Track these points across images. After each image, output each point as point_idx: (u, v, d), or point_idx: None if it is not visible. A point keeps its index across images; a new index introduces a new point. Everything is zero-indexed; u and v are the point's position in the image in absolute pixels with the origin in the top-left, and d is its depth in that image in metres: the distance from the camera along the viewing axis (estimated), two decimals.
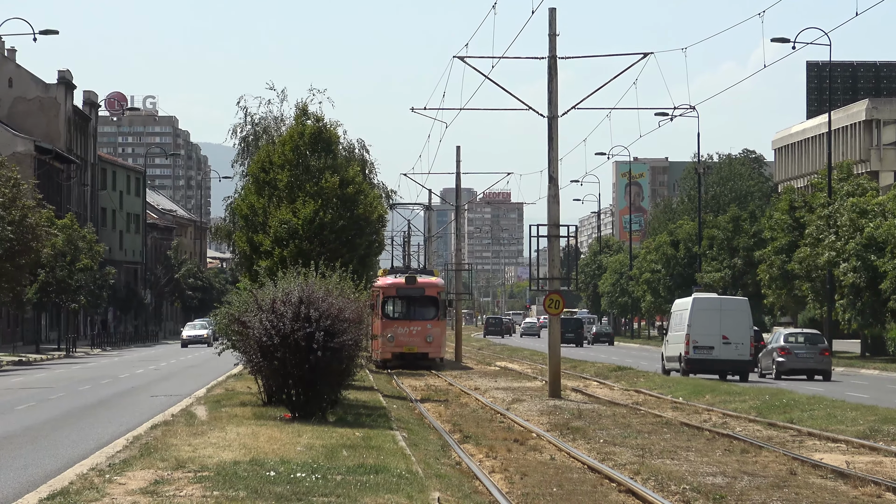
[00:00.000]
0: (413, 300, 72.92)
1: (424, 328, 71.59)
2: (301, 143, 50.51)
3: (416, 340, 71.19)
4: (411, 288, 72.38)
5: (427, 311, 72.71)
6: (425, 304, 72.87)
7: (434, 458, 28.31)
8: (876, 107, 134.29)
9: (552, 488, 24.33)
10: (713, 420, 39.44)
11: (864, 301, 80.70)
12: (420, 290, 72.71)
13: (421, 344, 71.23)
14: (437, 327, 72.52)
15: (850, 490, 24.35)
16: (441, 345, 73.12)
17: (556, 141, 51.11)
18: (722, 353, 62.74)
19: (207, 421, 32.48)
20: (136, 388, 53.09)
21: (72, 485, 21.09)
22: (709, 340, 63.00)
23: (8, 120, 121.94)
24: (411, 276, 73.41)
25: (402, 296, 72.86)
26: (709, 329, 63.00)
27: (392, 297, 72.74)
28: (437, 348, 72.13)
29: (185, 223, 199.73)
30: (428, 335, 71.36)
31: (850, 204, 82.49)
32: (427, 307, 72.80)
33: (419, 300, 72.88)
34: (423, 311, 72.66)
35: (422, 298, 72.94)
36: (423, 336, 71.31)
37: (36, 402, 45.16)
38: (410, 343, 71.18)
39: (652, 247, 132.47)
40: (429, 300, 73.08)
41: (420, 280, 73.40)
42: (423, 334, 71.33)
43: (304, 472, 22.63)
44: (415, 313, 72.43)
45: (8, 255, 78.83)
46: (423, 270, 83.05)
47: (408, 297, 72.86)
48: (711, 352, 63.14)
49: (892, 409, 39.73)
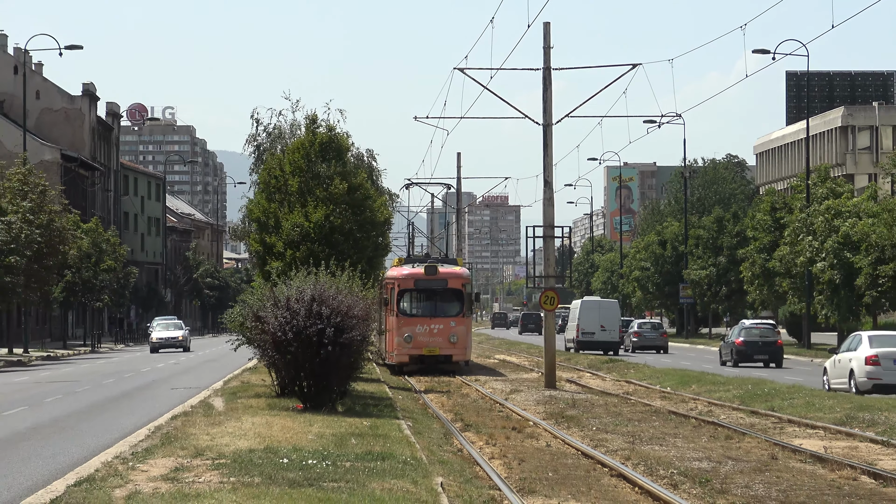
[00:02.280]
0: (434, 293, 59.20)
1: (447, 326, 57.96)
2: (311, 150, 50.56)
3: (438, 341, 57.68)
4: (432, 279, 58.71)
5: (450, 306, 58.98)
6: (448, 297, 59.21)
7: (437, 446, 28.34)
8: (851, 114, 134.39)
9: (548, 473, 24.35)
10: (699, 408, 39.45)
11: (841, 296, 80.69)
12: (442, 282, 58.99)
13: (444, 345, 57.72)
14: (462, 325, 58.60)
15: (827, 473, 24.37)
16: (466, 346, 59.29)
17: (550, 147, 51.13)
18: (600, 336, 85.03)
19: (224, 411, 32.50)
20: (156, 382, 53.10)
21: (97, 472, 21.12)
22: (591, 328, 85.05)
23: (36, 130, 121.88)
24: (432, 266, 59.42)
25: (422, 288, 59.22)
26: (591, 321, 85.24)
27: (409, 290, 59.17)
28: (462, 350, 58.48)
29: (202, 226, 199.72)
30: (452, 334, 57.76)
31: (824, 207, 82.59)
32: (450, 302, 59.11)
33: (441, 293, 59.15)
34: (446, 306, 59.00)
35: (444, 291, 59.12)
36: (446, 335, 57.70)
37: (63, 395, 45.18)
38: (431, 344, 57.65)
39: (641, 246, 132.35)
40: (452, 293, 59.22)
41: (442, 270, 59.51)
42: (445, 333, 57.73)
43: (316, 459, 22.65)
44: (436, 309, 58.84)
45: (36, 257, 78.86)
46: (444, 259, 66.88)
47: (428, 289, 59.14)
48: (593, 336, 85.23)
49: (866, 398, 39.75)
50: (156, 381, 53.12)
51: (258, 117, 79.26)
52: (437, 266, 59.50)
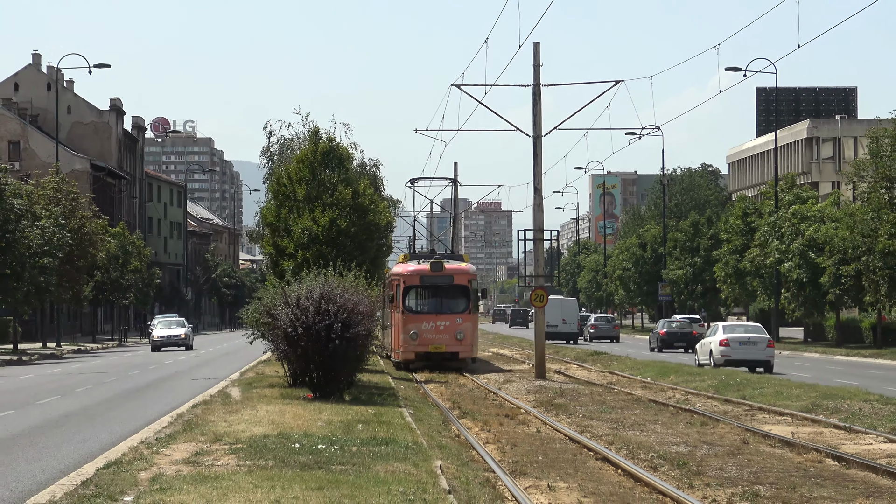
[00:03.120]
0: (440, 290, 55.05)
1: (454, 323, 53.91)
2: (314, 160, 50.60)
3: (445, 338, 53.69)
4: (438, 275, 54.71)
5: (457, 302, 54.76)
6: (454, 294, 55.00)
7: (436, 431, 28.32)
8: (816, 126, 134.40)
9: (538, 457, 24.34)
10: (677, 397, 39.44)
11: (806, 294, 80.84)
12: (448, 279, 54.80)
13: (450, 342, 53.76)
14: (469, 322, 54.49)
15: (794, 457, 24.36)
16: (473, 343, 54.98)
17: (540, 157, 51.11)
18: (562, 328, 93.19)
19: (241, 400, 32.49)
20: (178, 373, 53.08)
21: (124, 456, 21.11)
22: (555, 321, 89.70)
23: (67, 142, 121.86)
24: (437, 262, 55.30)
25: (428, 285, 55.09)
26: (555, 315, 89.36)
27: (415, 286, 55.06)
28: (469, 347, 54.32)
29: (220, 230, 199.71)
30: (458, 331, 53.69)
31: (791, 212, 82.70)
32: (457, 298, 54.87)
33: (447, 290, 55.00)
34: (452, 302, 54.84)
35: (450, 288, 54.96)
36: (453, 332, 53.68)
37: (92, 385, 45.17)
38: (437, 341, 53.66)
39: (623, 248, 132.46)
40: (458, 290, 54.92)
41: (448, 266, 55.38)
42: (452, 330, 53.74)
43: (325, 443, 22.63)
44: (442, 306, 54.72)
45: (68, 259, 79.01)
46: (450, 255, 62.06)
47: (434, 286, 55.04)
48: (556, 328, 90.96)
49: (830, 387, 39.75)
50: (178, 373, 53.11)
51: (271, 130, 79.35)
52: (442, 262, 55.45)
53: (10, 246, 68.42)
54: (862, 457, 23.67)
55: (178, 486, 17.37)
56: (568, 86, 56.79)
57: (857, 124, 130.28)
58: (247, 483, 17.53)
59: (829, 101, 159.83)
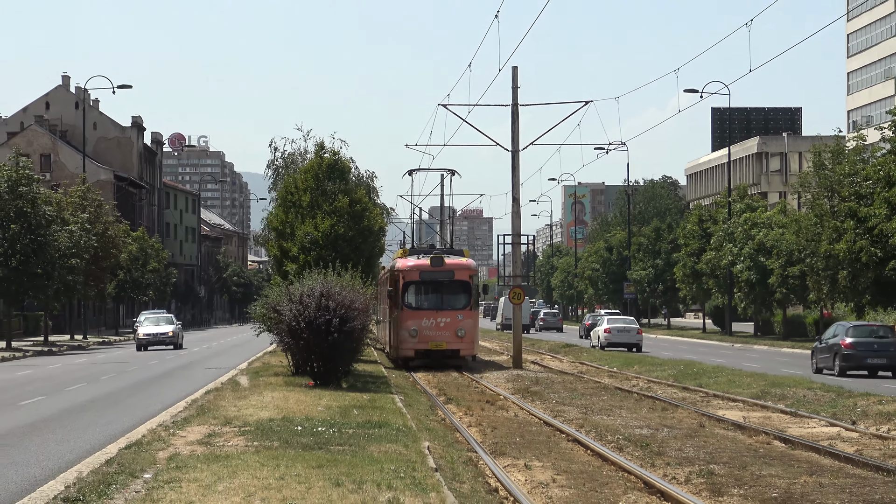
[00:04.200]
0: (440, 286, 49.10)
1: (455, 320, 48.17)
2: (319, 172, 50.63)
3: (445, 335, 47.97)
4: (438, 271, 48.85)
5: (457, 298, 48.92)
6: (455, 290, 49.06)
7: (424, 416, 28.33)
8: (765, 142, 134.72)
9: (516, 438, 24.35)
10: (640, 385, 39.48)
11: (756, 293, 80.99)
12: (449, 274, 48.88)
13: (451, 339, 48.05)
14: (470, 318, 48.77)
15: (746, 438, 24.40)
16: (474, 340, 49.34)
17: (517, 169, 51.13)
18: None
19: (249, 388, 32.47)
20: (193, 363, 53.02)
21: (144, 437, 21.08)
22: (510, 315, 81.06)
23: (93, 155, 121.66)
24: (438, 257, 49.61)
25: (427, 280, 49.05)
26: (510, 310, 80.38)
27: (415, 282, 49.00)
28: (470, 344, 48.76)
29: (230, 234, 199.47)
30: (459, 328, 47.98)
31: (743, 219, 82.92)
32: (457, 294, 48.99)
33: (448, 286, 49.03)
34: (453, 298, 48.99)
35: (451, 284, 48.96)
36: (454, 329, 47.96)
37: (115, 374, 45.11)
38: (438, 338, 47.93)
39: (592, 251, 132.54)
40: (459, 286, 48.99)
41: (448, 261, 49.62)
42: (453, 327, 48.02)
43: (324, 426, 22.62)
44: (443, 302, 48.91)
45: (93, 260, 78.93)
46: (450, 250, 56.46)
47: (434, 281, 49.02)
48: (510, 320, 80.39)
49: (778, 376, 39.82)
50: (192, 363, 53.04)
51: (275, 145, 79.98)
52: (443, 257, 49.64)
53: (41, 248, 68.44)
54: (806, 439, 23.73)
55: (193, 464, 17.36)
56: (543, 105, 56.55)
57: (802, 141, 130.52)
58: (254, 462, 17.53)
59: (777, 119, 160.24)
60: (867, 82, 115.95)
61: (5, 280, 68.06)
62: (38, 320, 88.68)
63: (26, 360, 58.90)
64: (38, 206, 69.13)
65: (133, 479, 16.15)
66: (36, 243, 68.24)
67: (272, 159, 79.76)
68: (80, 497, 14.73)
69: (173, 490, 15.11)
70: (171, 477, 16.15)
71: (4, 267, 67.54)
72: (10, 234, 67.44)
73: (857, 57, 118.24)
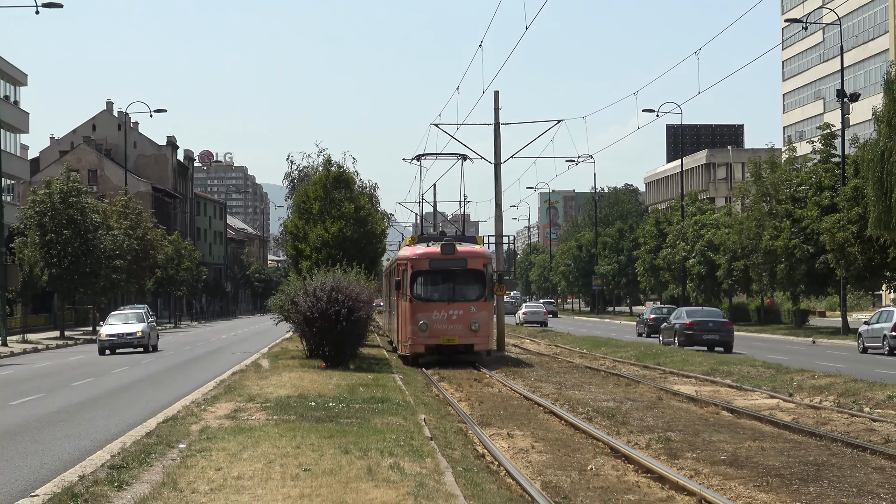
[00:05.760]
0: (452, 275, 38.90)
1: (468, 312, 38.27)
2: (327, 182, 50.81)
3: (458, 329, 38.24)
4: (449, 259, 38.82)
5: (470, 289, 38.85)
6: (468, 280, 38.91)
7: (421, 392, 28.33)
8: (713, 155, 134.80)
9: (500, 410, 24.34)
10: (607, 364, 39.47)
11: (706, 284, 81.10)
12: (461, 262, 38.83)
13: (464, 333, 38.22)
14: (484, 310, 38.70)
15: (698, 409, 24.41)
16: (489, 334, 39.21)
17: (500, 179, 51.19)
18: None
19: (269, 369, 32.45)
20: (221, 348, 52.97)
21: (178, 413, 21.06)
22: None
23: (133, 170, 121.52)
24: (449, 244, 39.54)
25: (438, 270, 38.92)
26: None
27: (424, 271, 38.87)
28: (485, 338, 38.79)
29: (252, 237, 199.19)
30: (473, 321, 38.15)
31: (694, 221, 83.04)
32: (471, 284, 38.86)
33: (460, 275, 38.87)
34: (466, 289, 38.89)
35: (464, 273, 38.84)
36: (467, 323, 38.17)
37: (154, 358, 45.06)
38: (450, 332, 38.20)
39: (565, 249, 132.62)
40: (472, 275, 38.82)
41: (461, 249, 39.49)
42: (466, 320, 38.19)
43: (335, 402, 22.62)
44: (455, 293, 38.79)
45: (134, 260, 79.00)
46: (461, 237, 45.44)
47: (445, 271, 38.88)
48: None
49: (725, 356, 39.89)
50: (220, 348, 52.98)
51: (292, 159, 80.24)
52: (454, 244, 39.69)
53: (89, 250, 68.49)
54: (750, 409, 23.75)
55: (221, 435, 17.34)
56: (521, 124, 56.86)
57: (744, 153, 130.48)
58: (274, 433, 17.51)
59: (723, 134, 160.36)
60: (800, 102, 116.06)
61: (59, 278, 68.15)
62: (88, 312, 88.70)
63: (77, 347, 58.83)
64: (86, 215, 69.15)
65: (170, 449, 16.13)
66: (85, 246, 68.28)
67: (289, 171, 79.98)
68: (124, 464, 14.71)
69: (204, 458, 15.08)
70: (202, 447, 16.13)
71: (58, 266, 67.63)
72: (63, 238, 67.57)
73: (791, 80, 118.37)
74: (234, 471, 13.94)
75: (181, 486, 12.95)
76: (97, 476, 13.89)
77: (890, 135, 38.44)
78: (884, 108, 38.51)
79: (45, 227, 67.83)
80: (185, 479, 13.46)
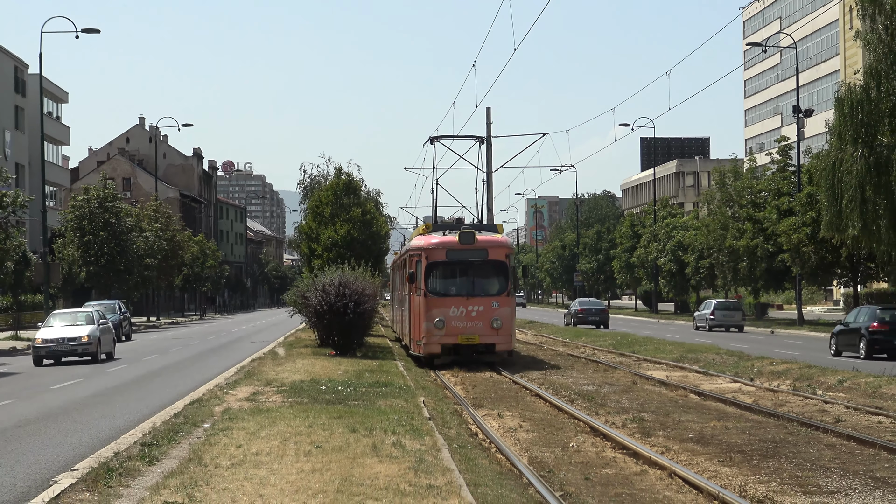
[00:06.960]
0: (471, 267, 31.53)
1: (489, 308, 31.04)
2: (338, 189, 50.86)
3: (478, 326, 31.00)
4: (468, 249, 31.43)
5: (491, 283, 31.51)
6: (489, 272, 31.61)
7: (420, 377, 28.31)
8: (682, 164, 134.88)
9: (491, 394, 24.34)
10: (587, 352, 39.46)
11: (676, 280, 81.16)
12: (482, 253, 31.47)
13: (485, 331, 31.01)
14: (507, 306, 31.40)
15: (668, 392, 24.42)
16: (511, 332, 31.66)
17: (491, 186, 51.14)
18: None
19: (285, 357, 32.43)
20: (241, 338, 52.94)
21: (203, 396, 21.07)
22: None
23: (163, 178, 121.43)
24: (468, 233, 31.78)
25: (456, 261, 31.54)
26: None
27: (441, 262, 31.46)
28: (507, 337, 31.42)
29: (269, 238, 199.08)
30: (494, 318, 30.96)
31: (665, 223, 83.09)
32: (492, 277, 31.56)
33: (480, 267, 31.53)
34: (487, 283, 31.55)
35: (484, 265, 31.52)
36: (488, 320, 30.97)
37: (181, 347, 45.04)
38: (469, 330, 30.98)
39: (549, 249, 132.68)
40: (493, 267, 31.54)
41: (480, 238, 31.86)
42: (486, 317, 30.99)
43: (343, 386, 22.62)
44: (474, 287, 31.36)
45: (164, 259, 78.99)
46: (481, 224, 36.32)
47: (464, 262, 31.52)
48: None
49: (693, 344, 39.87)
50: (241, 338, 52.94)
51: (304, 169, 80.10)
52: (474, 233, 31.94)
53: (123, 250, 68.58)
54: (715, 392, 23.74)
55: (241, 416, 17.35)
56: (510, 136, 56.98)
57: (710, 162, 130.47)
58: (289, 414, 17.51)
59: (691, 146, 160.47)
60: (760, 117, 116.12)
61: (96, 275, 68.30)
62: None
63: None
64: (121, 218, 69.25)
65: (195, 428, 16.13)
66: (119, 247, 68.37)
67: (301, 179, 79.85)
68: (155, 442, 14.71)
69: (226, 436, 15.09)
70: (224, 426, 16.13)
71: (95, 265, 67.77)
72: (100, 239, 67.76)
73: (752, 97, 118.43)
74: (252, 447, 13.95)
75: (205, 461, 12.97)
76: (130, 452, 13.90)
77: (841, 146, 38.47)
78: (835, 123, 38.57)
79: (83, 230, 67.96)
80: (209, 454, 13.48)
